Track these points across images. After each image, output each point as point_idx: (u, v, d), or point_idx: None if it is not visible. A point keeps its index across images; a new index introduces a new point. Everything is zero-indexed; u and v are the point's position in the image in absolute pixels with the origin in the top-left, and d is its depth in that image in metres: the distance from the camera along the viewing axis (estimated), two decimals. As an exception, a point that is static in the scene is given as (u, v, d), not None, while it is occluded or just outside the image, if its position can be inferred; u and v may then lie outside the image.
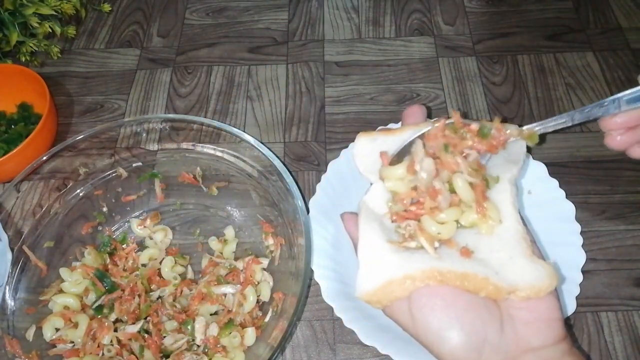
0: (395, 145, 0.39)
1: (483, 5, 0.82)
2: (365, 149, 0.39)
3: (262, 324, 0.53)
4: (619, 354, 0.52)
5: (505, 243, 0.34)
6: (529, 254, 0.34)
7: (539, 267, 0.33)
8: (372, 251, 0.34)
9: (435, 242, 0.34)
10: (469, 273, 0.32)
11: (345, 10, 0.83)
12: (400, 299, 0.33)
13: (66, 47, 0.80)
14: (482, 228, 0.35)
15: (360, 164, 0.39)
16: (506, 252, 0.34)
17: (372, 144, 0.39)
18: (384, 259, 0.33)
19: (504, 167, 0.37)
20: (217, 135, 0.60)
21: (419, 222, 0.35)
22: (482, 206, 0.34)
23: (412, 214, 0.35)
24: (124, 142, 0.62)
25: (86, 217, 0.60)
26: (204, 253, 0.59)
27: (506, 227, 0.35)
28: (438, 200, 0.34)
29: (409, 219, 0.35)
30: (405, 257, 0.33)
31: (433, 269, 0.32)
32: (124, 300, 0.54)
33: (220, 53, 0.79)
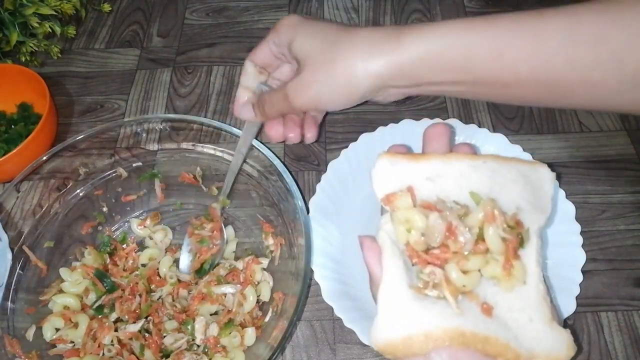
0: (420, 175, 0.36)
1: (483, 5, 0.82)
2: (385, 172, 0.36)
3: (262, 324, 0.53)
4: (619, 354, 0.52)
5: (525, 303, 0.33)
6: (549, 320, 0.32)
7: (558, 336, 0.32)
8: (394, 297, 0.32)
9: (458, 295, 0.33)
10: (492, 337, 0.31)
11: (345, 10, 0.83)
12: (417, 355, 0.31)
13: (66, 47, 0.80)
14: (502, 283, 0.33)
15: (378, 189, 0.36)
16: (526, 314, 0.33)
17: (392, 167, 0.36)
18: (405, 310, 0.31)
19: (530, 215, 0.34)
20: (217, 135, 0.60)
21: (444, 270, 0.33)
22: (510, 264, 0.32)
23: (435, 258, 0.33)
24: (124, 142, 0.62)
25: (86, 217, 0.60)
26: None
27: (528, 286, 0.33)
28: (460, 244, 0.32)
29: (432, 264, 0.33)
30: (427, 309, 0.31)
31: (456, 329, 0.31)
32: (124, 300, 0.54)
33: (220, 53, 0.79)
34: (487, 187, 0.35)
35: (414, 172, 0.36)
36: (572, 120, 0.69)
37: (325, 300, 0.52)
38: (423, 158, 0.36)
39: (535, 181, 0.36)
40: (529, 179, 0.36)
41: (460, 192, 0.35)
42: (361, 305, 0.53)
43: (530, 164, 0.36)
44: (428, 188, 0.35)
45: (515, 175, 0.35)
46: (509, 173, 0.35)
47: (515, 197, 0.35)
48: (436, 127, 0.38)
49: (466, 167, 0.35)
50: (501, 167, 0.36)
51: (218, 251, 0.58)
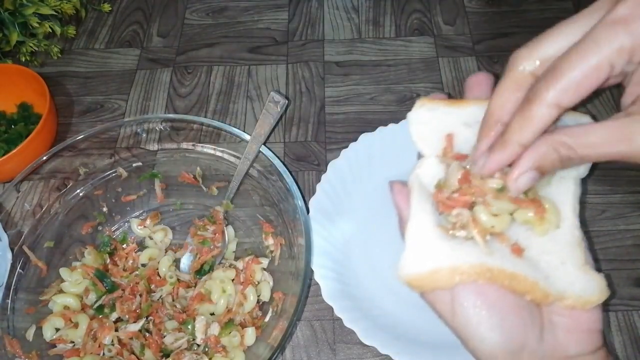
0: (458, 120, 0.35)
1: (483, 5, 0.82)
2: (423, 117, 0.36)
3: (262, 324, 0.53)
4: (619, 354, 0.52)
5: (559, 247, 0.32)
6: (582, 263, 0.32)
7: (591, 278, 0.32)
8: (421, 234, 0.32)
9: (487, 235, 0.32)
10: (519, 274, 0.31)
11: (345, 10, 0.83)
12: (443, 289, 0.31)
13: (66, 47, 0.80)
14: (537, 228, 0.33)
15: (415, 132, 0.35)
16: (559, 257, 0.32)
17: (431, 113, 0.36)
18: (433, 246, 0.31)
19: None
20: (217, 135, 0.60)
21: (472, 211, 0.32)
22: (541, 207, 0.32)
23: (460, 201, 0.32)
24: (124, 142, 0.62)
25: (86, 217, 0.60)
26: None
27: (562, 230, 0.33)
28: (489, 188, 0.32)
29: (458, 207, 0.32)
30: (455, 247, 0.31)
31: (483, 265, 0.31)
32: (125, 300, 0.54)
33: (220, 53, 0.79)
34: None
35: (451, 117, 0.35)
36: (572, 120, 0.69)
37: (325, 300, 0.52)
38: (461, 103, 0.36)
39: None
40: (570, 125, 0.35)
41: None
42: (361, 305, 0.53)
43: (573, 114, 0.35)
44: (465, 133, 0.35)
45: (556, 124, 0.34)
46: None
47: None
48: (478, 75, 0.37)
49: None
50: None
51: (219, 253, 0.58)
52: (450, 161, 0.34)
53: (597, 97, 0.71)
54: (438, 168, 0.35)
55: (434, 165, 0.35)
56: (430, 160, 0.35)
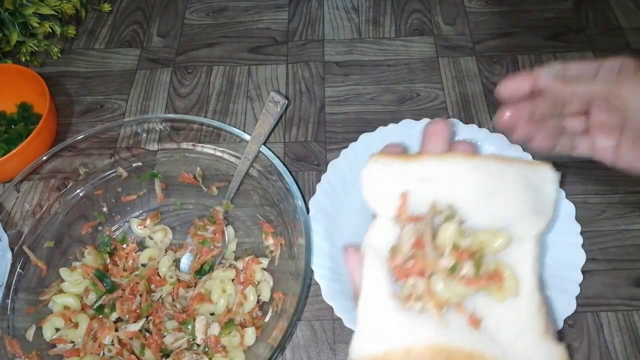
0: (413, 176, 0.33)
1: (483, 5, 0.82)
2: (377, 174, 0.33)
3: (262, 324, 0.53)
4: (619, 354, 0.52)
5: (517, 314, 0.31)
6: (542, 332, 0.30)
7: (551, 349, 0.30)
8: (375, 309, 0.30)
9: (443, 308, 0.30)
10: (477, 353, 0.29)
11: (345, 10, 0.83)
12: None
13: (66, 47, 0.80)
14: (495, 296, 0.31)
15: (367, 191, 0.33)
16: (518, 326, 0.30)
17: (385, 169, 0.34)
18: (387, 323, 0.30)
19: (528, 221, 0.32)
20: (217, 135, 0.60)
21: (428, 281, 0.30)
22: (499, 277, 0.30)
23: (415, 270, 0.31)
24: (124, 142, 0.62)
25: (86, 217, 0.60)
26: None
27: (521, 296, 0.31)
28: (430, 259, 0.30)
29: (414, 275, 0.31)
30: (410, 322, 0.30)
31: (439, 345, 0.29)
32: (125, 300, 0.54)
33: (220, 53, 0.79)
34: (483, 189, 0.33)
35: (407, 173, 0.33)
36: (572, 120, 0.69)
37: (325, 300, 0.52)
38: (417, 158, 0.34)
39: (536, 183, 0.34)
40: (530, 181, 0.34)
41: (456, 194, 0.33)
42: (361, 305, 0.53)
43: (532, 164, 0.34)
44: (421, 190, 0.33)
45: (515, 177, 0.33)
46: (508, 174, 0.33)
47: (514, 202, 0.33)
48: (435, 124, 0.36)
49: (463, 168, 0.33)
50: (500, 167, 0.33)
51: (219, 253, 0.58)
52: (404, 223, 0.32)
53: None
54: (392, 231, 0.32)
55: (388, 228, 0.33)
56: (383, 221, 0.33)
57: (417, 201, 0.33)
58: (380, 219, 0.33)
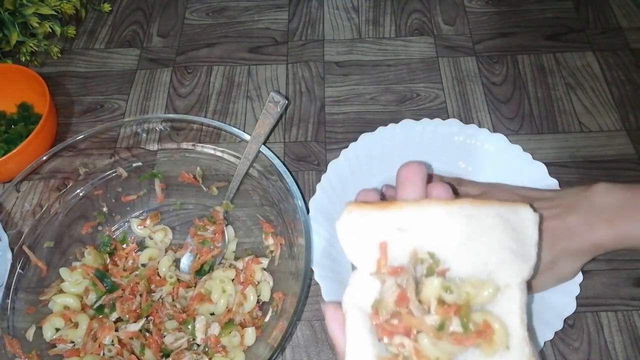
0: (391, 226, 0.32)
1: (483, 5, 0.82)
2: (353, 225, 0.32)
3: (262, 324, 0.53)
4: (619, 354, 0.52)
5: None
6: None
7: None
8: None
9: None
10: None
11: (345, 10, 0.83)
12: None
13: (66, 47, 0.80)
14: (483, 349, 0.30)
15: (345, 243, 0.32)
16: None
17: (361, 219, 0.32)
18: None
19: (512, 266, 0.31)
20: (217, 135, 0.60)
21: (415, 340, 0.29)
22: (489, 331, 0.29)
23: (400, 328, 0.29)
24: (124, 142, 0.62)
25: (86, 217, 0.60)
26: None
27: (511, 349, 0.29)
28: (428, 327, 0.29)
29: (399, 334, 0.29)
30: None
31: None
32: (125, 300, 0.54)
33: (220, 53, 0.79)
34: (464, 235, 0.32)
35: (384, 223, 0.32)
36: (572, 120, 0.69)
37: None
38: (393, 206, 0.32)
39: (516, 225, 0.32)
40: (510, 223, 0.32)
41: (436, 241, 0.32)
42: (361, 305, 0.53)
43: (511, 206, 0.33)
44: (401, 240, 0.32)
45: (494, 220, 0.32)
46: (487, 218, 0.32)
47: (495, 246, 0.32)
48: (409, 168, 0.35)
49: (441, 214, 0.32)
50: (479, 211, 0.32)
51: (219, 253, 0.58)
52: (384, 277, 0.31)
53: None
54: (374, 285, 0.31)
55: (369, 281, 0.31)
56: (363, 275, 0.32)
57: (397, 251, 0.32)
58: (360, 272, 0.32)
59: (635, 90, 0.71)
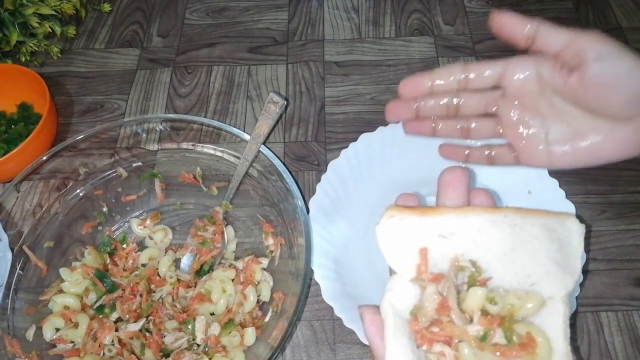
0: (432, 232, 0.32)
1: (483, 5, 0.82)
2: (394, 229, 0.32)
3: (262, 324, 0.53)
4: (619, 354, 0.52)
5: None
6: None
7: None
8: None
9: None
10: None
11: (345, 10, 0.83)
12: None
13: (66, 47, 0.80)
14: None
15: (384, 248, 0.31)
16: None
17: (401, 224, 0.32)
18: None
19: (557, 279, 0.30)
20: (217, 135, 0.60)
21: (456, 350, 0.29)
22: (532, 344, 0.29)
23: (441, 336, 0.29)
24: (124, 142, 0.62)
25: (86, 217, 0.60)
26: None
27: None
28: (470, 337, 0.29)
29: (439, 342, 0.29)
30: None
31: None
32: (125, 300, 0.54)
33: (220, 53, 0.79)
34: (508, 244, 0.31)
35: (425, 228, 0.31)
36: (572, 120, 0.69)
37: (325, 300, 0.52)
38: (435, 212, 0.32)
39: (562, 236, 0.32)
40: (555, 234, 0.32)
41: (478, 249, 0.31)
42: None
43: (557, 216, 0.32)
44: (441, 246, 0.31)
45: (539, 230, 0.31)
46: (532, 228, 0.31)
47: (540, 257, 0.31)
48: (452, 173, 0.34)
49: (484, 222, 0.31)
50: (524, 220, 0.31)
51: (218, 254, 0.58)
52: (425, 283, 0.30)
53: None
54: (413, 291, 0.31)
55: (408, 288, 0.31)
56: (403, 281, 0.31)
57: (437, 257, 0.31)
58: (399, 277, 0.31)
59: (635, 90, 0.71)
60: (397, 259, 0.31)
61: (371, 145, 0.62)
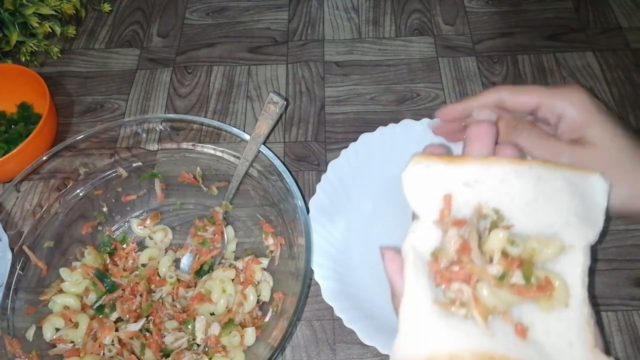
0: (457, 179, 0.32)
1: (483, 5, 0.82)
2: (419, 176, 0.32)
3: (262, 324, 0.53)
4: (619, 354, 0.52)
5: (565, 326, 0.30)
6: (591, 346, 0.29)
7: None
8: (417, 313, 0.29)
9: (489, 315, 0.29)
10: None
11: (345, 10, 0.83)
12: None
13: (66, 47, 0.80)
14: (541, 304, 0.30)
15: (409, 192, 0.32)
16: (566, 338, 0.30)
17: (427, 171, 0.32)
18: (430, 327, 0.29)
19: (578, 229, 0.31)
20: (217, 135, 0.60)
21: (475, 289, 0.29)
22: (550, 286, 0.30)
23: (460, 275, 0.30)
24: (124, 142, 0.62)
25: (86, 217, 0.60)
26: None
27: (570, 308, 0.30)
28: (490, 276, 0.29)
29: (457, 281, 0.30)
30: (454, 328, 0.29)
31: (485, 353, 0.28)
32: (125, 300, 0.54)
33: (220, 53, 0.79)
34: (531, 195, 0.32)
35: (450, 176, 0.32)
36: (572, 120, 0.69)
37: (325, 300, 0.52)
38: (461, 161, 0.32)
39: (585, 191, 0.32)
40: (578, 189, 0.32)
41: (501, 199, 0.32)
42: (361, 305, 0.53)
43: (581, 172, 0.33)
44: (465, 194, 0.32)
45: (563, 184, 0.32)
46: (556, 181, 0.32)
47: (562, 209, 0.32)
48: (480, 126, 0.34)
49: (509, 173, 0.32)
50: (548, 174, 0.32)
51: (218, 254, 0.58)
52: (447, 227, 0.31)
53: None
54: (434, 234, 0.32)
55: (430, 231, 0.32)
56: (425, 225, 0.32)
57: (461, 204, 0.32)
58: (422, 221, 0.32)
59: (635, 90, 0.71)
60: (422, 204, 0.32)
61: (371, 145, 0.62)
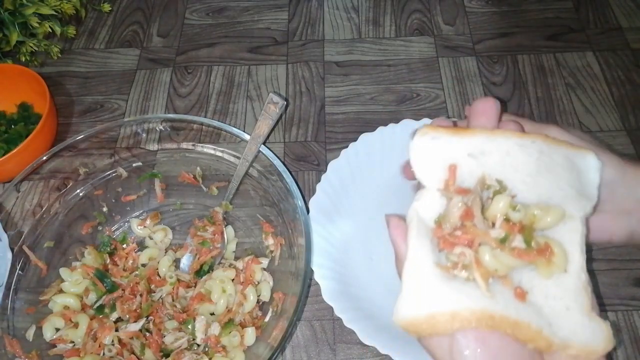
0: (462, 151, 0.33)
1: (483, 5, 0.82)
2: (425, 146, 0.33)
3: (262, 324, 0.53)
4: (619, 354, 0.52)
5: (563, 290, 0.31)
6: (588, 309, 0.31)
7: (597, 327, 0.31)
8: (420, 275, 0.30)
9: (489, 278, 0.30)
10: (522, 322, 0.29)
11: (345, 10, 0.83)
12: (442, 335, 0.30)
13: (66, 47, 0.80)
14: (540, 269, 0.31)
15: (415, 162, 0.33)
16: (564, 302, 0.31)
17: (434, 142, 0.33)
18: (432, 288, 0.30)
19: (576, 201, 0.33)
20: (217, 135, 0.60)
21: (476, 252, 0.30)
22: (549, 252, 0.31)
23: (463, 239, 0.31)
24: (124, 142, 0.62)
25: (86, 217, 0.60)
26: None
27: (569, 273, 0.31)
28: (491, 239, 0.31)
29: (460, 245, 0.31)
30: (455, 289, 0.30)
31: (485, 311, 0.29)
32: (125, 300, 0.54)
33: (220, 53, 0.79)
34: (533, 168, 0.33)
35: (455, 147, 0.33)
36: (572, 120, 0.69)
37: (325, 300, 0.52)
38: (467, 133, 0.33)
39: (581, 167, 0.34)
40: (575, 165, 0.34)
41: (505, 170, 0.33)
42: (361, 305, 0.53)
43: (578, 150, 0.34)
44: (470, 165, 0.33)
45: (562, 159, 0.34)
46: (556, 155, 0.34)
47: (562, 182, 0.33)
48: (485, 102, 0.35)
49: (513, 146, 0.33)
50: (550, 149, 0.34)
51: (218, 254, 0.58)
52: (452, 195, 0.32)
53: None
54: (439, 202, 0.33)
55: (435, 199, 0.33)
56: (430, 193, 0.33)
57: (465, 175, 0.33)
58: (427, 190, 0.33)
59: (635, 90, 0.71)
60: (427, 173, 0.33)
61: (371, 145, 0.62)
